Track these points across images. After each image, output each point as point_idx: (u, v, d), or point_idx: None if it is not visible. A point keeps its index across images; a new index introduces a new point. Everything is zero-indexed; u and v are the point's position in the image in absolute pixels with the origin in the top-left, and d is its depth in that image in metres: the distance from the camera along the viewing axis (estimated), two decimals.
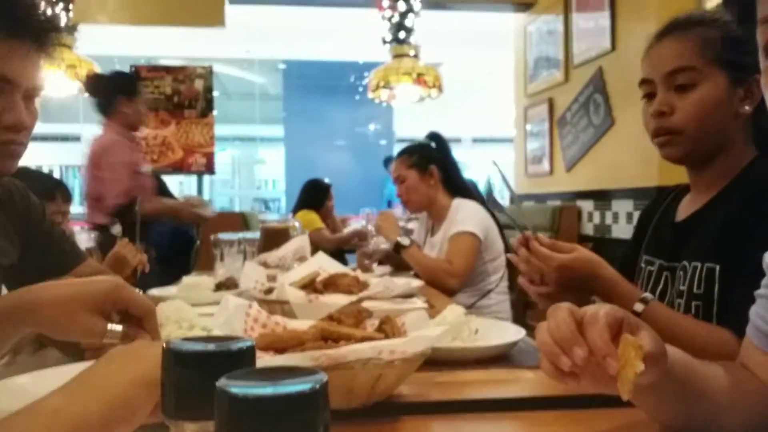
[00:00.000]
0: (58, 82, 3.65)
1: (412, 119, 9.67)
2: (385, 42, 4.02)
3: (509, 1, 4.60)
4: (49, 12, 3.53)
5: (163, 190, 4.17)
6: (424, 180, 2.37)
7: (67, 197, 1.89)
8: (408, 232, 2.68)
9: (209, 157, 4.69)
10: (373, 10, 4.27)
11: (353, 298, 1.41)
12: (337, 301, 1.37)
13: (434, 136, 2.49)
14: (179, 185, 8.18)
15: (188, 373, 0.28)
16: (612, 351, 0.55)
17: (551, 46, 4.32)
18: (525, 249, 1.04)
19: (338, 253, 3.71)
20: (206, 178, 5.55)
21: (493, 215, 2.35)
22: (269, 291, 1.51)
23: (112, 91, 3.02)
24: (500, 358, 1.03)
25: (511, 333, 1.11)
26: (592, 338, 0.56)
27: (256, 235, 2.34)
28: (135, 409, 0.49)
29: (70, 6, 3.68)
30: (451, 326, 1.05)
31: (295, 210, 4.08)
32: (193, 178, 5.61)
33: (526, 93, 4.72)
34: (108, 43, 5.33)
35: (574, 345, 0.56)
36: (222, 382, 0.24)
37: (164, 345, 0.29)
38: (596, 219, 3.83)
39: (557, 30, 4.21)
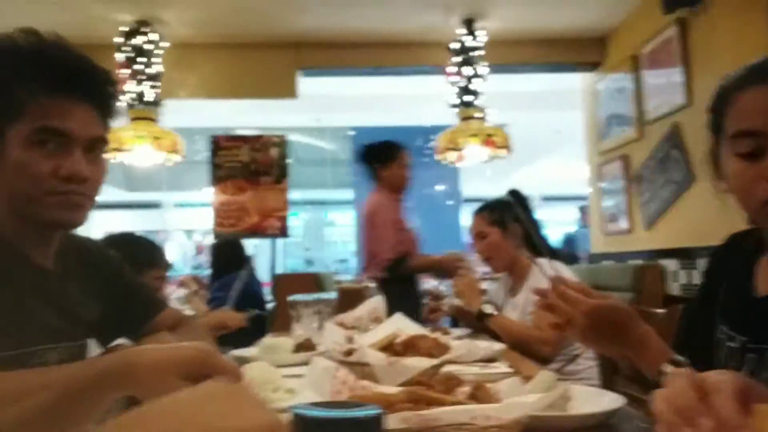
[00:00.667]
0: (144, 153, 3.90)
1: (479, 179, 9.67)
2: (452, 106, 4.09)
3: (574, 63, 4.60)
4: (134, 89, 3.82)
5: (240, 254, 4.31)
6: (507, 238, 2.29)
7: (168, 264, 1.99)
8: (482, 293, 2.60)
9: (283, 221, 4.82)
10: (439, 76, 4.38)
11: (435, 361, 1.37)
12: (418, 364, 1.34)
13: (515, 194, 2.42)
14: (253, 248, 8.43)
15: None
16: (745, 423, 0.50)
17: (622, 103, 4.26)
18: (554, 294, 1.00)
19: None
20: (279, 240, 5.72)
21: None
22: (349, 353, 1.51)
23: (373, 160, 3.45)
24: (599, 427, 0.97)
25: (609, 400, 1.05)
26: (719, 408, 0.52)
27: (331, 295, 2.36)
28: None
29: (157, 84, 3.97)
30: (545, 393, 1.00)
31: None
32: (267, 242, 5.78)
33: (599, 150, 4.64)
34: (190, 115, 5.68)
35: (698, 415, 0.52)
36: None
37: (292, 411, 0.29)
38: (682, 278, 3.63)
39: (627, 87, 4.16)
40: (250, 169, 4.76)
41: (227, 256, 4.28)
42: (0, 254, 0.95)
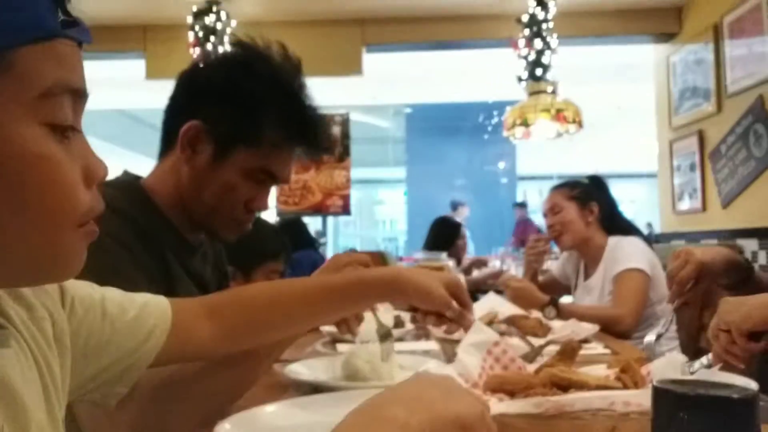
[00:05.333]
0: None
1: (535, 157, 9.49)
2: (521, 80, 4.00)
3: (649, 33, 4.43)
4: None
5: (306, 233, 4.35)
6: (583, 215, 2.22)
7: (288, 259, 1.98)
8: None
9: (345, 199, 4.86)
10: (505, 50, 4.29)
11: (541, 341, 1.36)
12: (523, 344, 1.34)
13: (595, 179, 2.35)
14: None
15: (690, 417, 0.27)
16: None
17: (699, 76, 4.08)
18: None
19: (471, 294, 3.62)
20: (330, 219, 5.78)
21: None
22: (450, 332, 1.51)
23: None
24: None
25: (742, 384, 1.01)
26: None
27: None
28: None
29: None
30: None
31: (424, 249, 4.05)
32: (318, 219, 5.85)
33: (671, 126, 4.47)
34: None
35: None
36: None
37: (655, 385, 0.28)
38: (762, 259, 3.50)
39: (706, 59, 3.98)
40: None
41: (292, 236, 4.33)
42: (159, 227, 0.99)
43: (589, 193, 2.29)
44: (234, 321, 0.77)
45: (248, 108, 0.96)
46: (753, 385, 1.01)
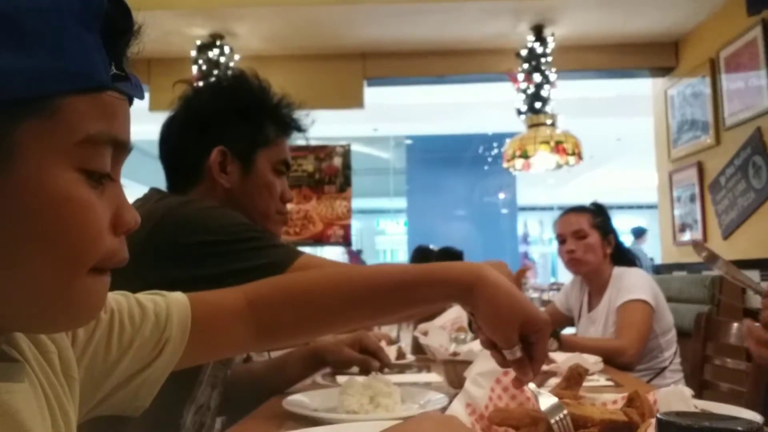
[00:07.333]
0: None
1: (535, 188, 9.53)
2: (520, 113, 4.04)
3: (647, 67, 4.49)
4: None
5: None
6: (602, 246, 2.23)
7: None
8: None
9: (346, 229, 4.86)
10: (504, 83, 4.34)
11: (545, 367, 1.35)
12: None
13: (598, 207, 2.37)
14: None
15: None
16: None
17: (697, 108, 4.13)
18: None
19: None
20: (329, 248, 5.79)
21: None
22: (455, 355, 1.50)
23: None
24: None
25: (748, 417, 1.00)
26: None
27: None
28: None
29: None
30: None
31: None
32: (318, 249, 5.85)
33: (670, 158, 4.50)
34: None
35: None
36: None
37: (659, 417, 0.28)
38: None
39: (703, 92, 4.03)
40: (315, 178, 4.83)
41: None
42: None
43: (609, 225, 2.28)
44: (276, 316, 0.71)
45: (253, 118, 1.17)
46: (758, 417, 1.00)
